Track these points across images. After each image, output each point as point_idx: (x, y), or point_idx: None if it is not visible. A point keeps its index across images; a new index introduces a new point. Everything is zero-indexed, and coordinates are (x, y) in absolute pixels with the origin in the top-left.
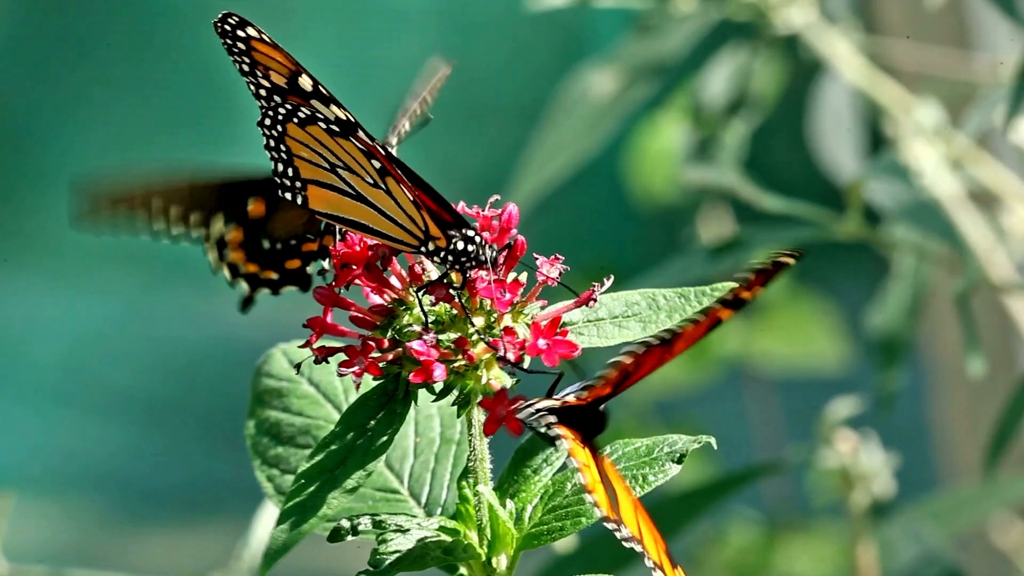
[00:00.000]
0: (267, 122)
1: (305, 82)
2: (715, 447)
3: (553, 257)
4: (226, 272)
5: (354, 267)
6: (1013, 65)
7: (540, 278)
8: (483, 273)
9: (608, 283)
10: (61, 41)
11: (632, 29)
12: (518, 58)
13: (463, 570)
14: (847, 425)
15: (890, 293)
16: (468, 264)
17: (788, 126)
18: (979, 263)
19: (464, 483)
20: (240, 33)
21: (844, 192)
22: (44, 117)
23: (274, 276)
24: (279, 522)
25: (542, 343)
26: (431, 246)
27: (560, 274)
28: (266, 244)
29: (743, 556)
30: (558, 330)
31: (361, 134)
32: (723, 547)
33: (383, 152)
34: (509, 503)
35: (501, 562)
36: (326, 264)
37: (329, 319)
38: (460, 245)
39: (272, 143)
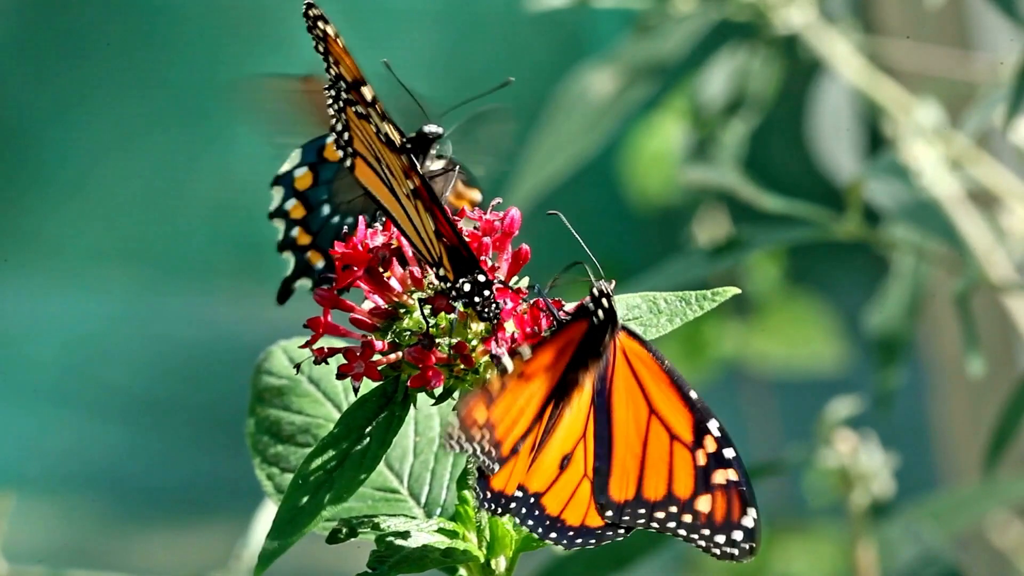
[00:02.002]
0: (332, 92)
1: (366, 93)
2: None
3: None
4: (279, 228)
5: (355, 269)
6: (1013, 65)
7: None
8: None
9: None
10: (60, 41)
11: (631, 29)
12: (518, 58)
13: (462, 571)
14: (847, 425)
15: (889, 293)
16: (467, 303)
17: (787, 126)
18: (978, 263)
19: (463, 485)
20: (320, 26)
21: (843, 192)
22: (44, 117)
23: (319, 263)
24: (275, 524)
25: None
26: (441, 271)
27: (556, 284)
28: (326, 210)
29: None
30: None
31: (404, 158)
32: None
33: (420, 178)
34: None
35: (500, 564)
36: None
37: (329, 320)
38: (466, 288)
39: (334, 107)
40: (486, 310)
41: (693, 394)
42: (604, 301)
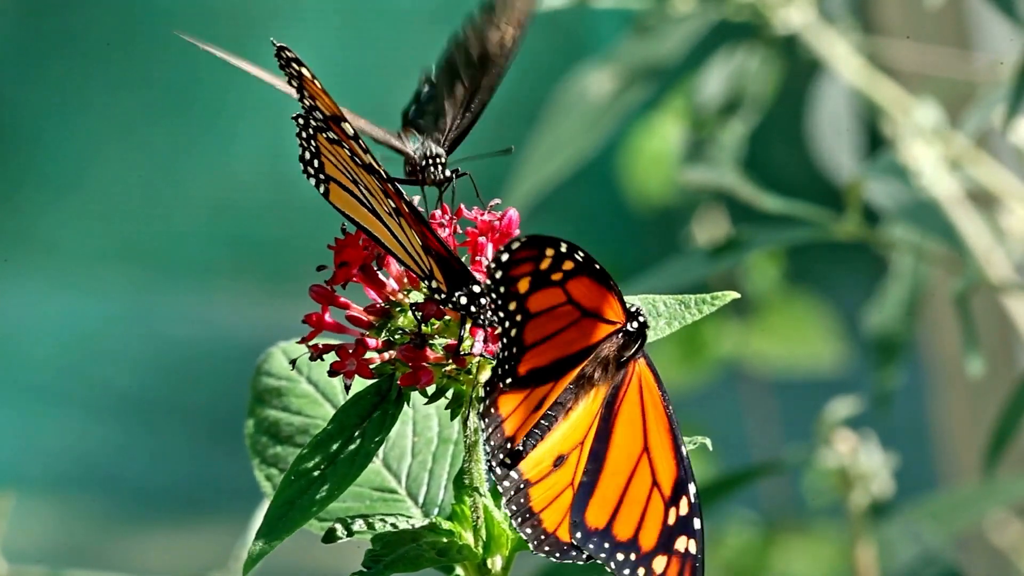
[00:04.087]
0: (300, 121)
1: (347, 128)
2: (710, 448)
3: None
4: None
5: (351, 266)
6: (1012, 65)
7: None
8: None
9: None
10: (59, 41)
11: (631, 29)
12: (517, 58)
13: (459, 570)
14: (846, 425)
15: (888, 293)
16: (463, 313)
17: (787, 126)
18: (978, 263)
19: (460, 484)
20: (294, 67)
21: (843, 192)
22: (40, 115)
23: None
24: (264, 521)
25: None
26: (434, 284)
27: None
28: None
29: (740, 557)
30: None
31: (391, 186)
32: (720, 548)
33: (404, 201)
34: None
35: (496, 563)
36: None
37: (326, 317)
38: (463, 300)
39: (303, 135)
40: (482, 317)
41: (684, 450)
42: (640, 317)
